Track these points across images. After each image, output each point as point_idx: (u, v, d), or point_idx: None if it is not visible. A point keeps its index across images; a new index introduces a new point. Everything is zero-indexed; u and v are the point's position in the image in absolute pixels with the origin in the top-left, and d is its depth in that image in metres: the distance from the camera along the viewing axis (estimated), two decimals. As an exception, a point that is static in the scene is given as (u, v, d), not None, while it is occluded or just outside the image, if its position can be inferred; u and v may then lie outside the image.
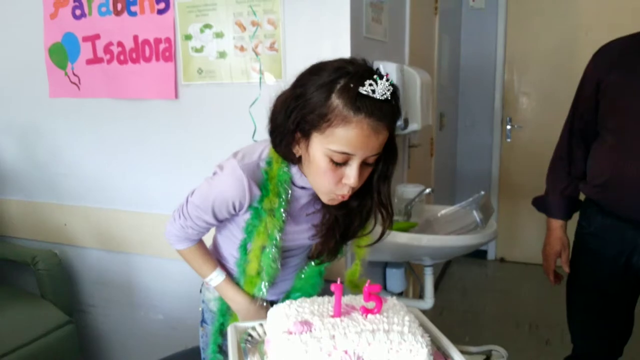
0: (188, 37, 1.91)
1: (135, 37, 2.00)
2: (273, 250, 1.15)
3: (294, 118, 0.98)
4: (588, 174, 1.67)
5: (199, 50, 1.90)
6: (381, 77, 0.94)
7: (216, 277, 1.27)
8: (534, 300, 3.47)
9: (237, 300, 1.26)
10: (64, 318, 2.14)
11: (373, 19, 1.89)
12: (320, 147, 0.98)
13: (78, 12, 2.09)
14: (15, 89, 2.30)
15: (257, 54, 1.80)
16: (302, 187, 1.13)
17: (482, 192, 2.07)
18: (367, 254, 1.29)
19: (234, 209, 1.14)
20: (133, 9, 1.99)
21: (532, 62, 3.93)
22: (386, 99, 0.94)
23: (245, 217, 1.16)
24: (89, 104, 2.16)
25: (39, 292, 2.22)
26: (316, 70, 0.99)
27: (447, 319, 3.22)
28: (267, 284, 1.20)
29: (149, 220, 2.11)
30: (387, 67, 1.90)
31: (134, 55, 2.02)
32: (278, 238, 1.14)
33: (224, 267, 1.31)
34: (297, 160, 1.07)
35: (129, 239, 2.18)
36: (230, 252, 1.27)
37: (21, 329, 2.02)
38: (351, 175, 0.99)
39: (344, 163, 0.98)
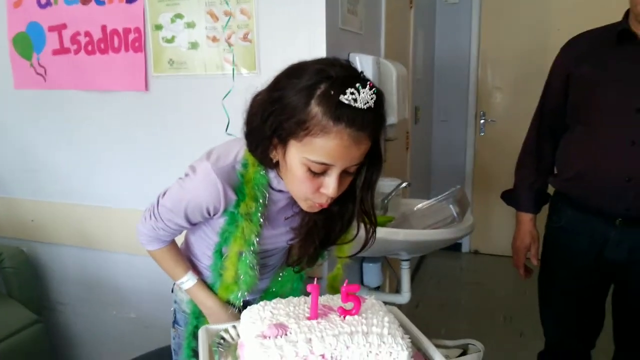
0: (158, 27, 1.85)
1: (104, 27, 1.94)
2: (250, 256, 1.10)
3: (271, 123, 0.92)
4: (557, 167, 1.68)
5: (169, 40, 1.85)
6: (364, 84, 0.87)
7: (188, 281, 1.22)
8: (508, 292, 3.50)
9: (208, 305, 1.21)
10: (31, 317, 2.07)
11: (349, 11, 1.86)
12: (298, 156, 0.92)
13: (43, 1, 2.01)
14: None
15: (230, 45, 1.76)
16: (280, 191, 1.09)
17: (458, 186, 2.07)
18: (348, 258, 1.25)
19: (208, 213, 1.09)
20: (101, -3, 1.92)
21: (505, 57, 3.95)
22: (369, 108, 0.88)
23: (220, 221, 1.11)
24: (55, 95, 2.08)
25: (5, 291, 2.14)
26: (295, 73, 0.92)
27: (423, 312, 3.23)
28: (244, 293, 1.16)
29: (118, 215, 2.05)
30: (363, 60, 1.88)
31: (102, 46, 1.95)
32: (255, 243, 1.09)
33: (196, 267, 1.26)
34: (274, 165, 1.01)
35: (98, 235, 2.11)
36: (204, 251, 1.22)
37: (-14, 329, 1.95)
38: (330, 185, 0.94)
39: (323, 172, 0.93)
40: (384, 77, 2.00)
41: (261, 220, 1.08)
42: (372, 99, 0.88)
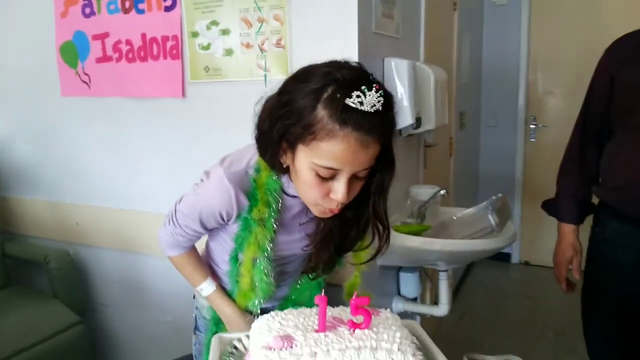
0: (195, 35, 1.87)
1: (143, 35, 1.98)
2: (264, 262, 1.09)
3: (279, 128, 0.91)
4: (602, 175, 1.57)
5: (205, 47, 1.86)
6: (370, 87, 0.85)
7: (206, 288, 1.22)
8: (560, 306, 3.33)
9: (227, 312, 1.21)
10: (74, 318, 2.13)
11: (384, 14, 1.82)
12: (306, 161, 0.90)
13: (88, 10, 2.08)
14: (28, 88, 2.31)
15: (262, 51, 1.75)
16: (294, 196, 1.07)
17: (500, 195, 1.98)
18: (367, 266, 1.21)
19: (222, 219, 1.09)
20: (141, 6, 1.96)
21: (557, 59, 3.79)
22: (376, 111, 0.86)
23: (234, 226, 1.10)
24: (99, 102, 2.15)
25: (50, 292, 2.22)
26: (303, 76, 0.91)
27: (467, 325, 3.12)
28: (261, 300, 1.14)
29: (157, 220, 2.07)
30: (398, 64, 1.83)
31: (142, 54, 1.99)
32: (269, 249, 1.08)
33: (215, 274, 1.26)
34: (285, 170, 1.00)
35: (138, 239, 2.15)
36: (223, 257, 1.22)
37: (31, 328, 2.01)
38: (339, 190, 0.91)
39: (332, 177, 0.91)
40: (421, 82, 1.94)
41: (275, 225, 1.06)
42: (379, 101, 0.86)
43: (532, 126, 3.96)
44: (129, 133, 2.11)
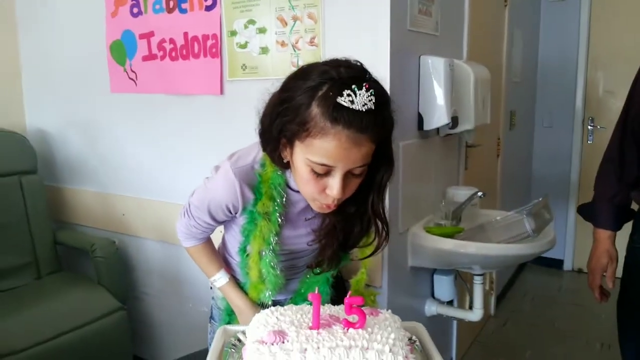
0: (233, 33, 1.91)
1: (185, 34, 2.04)
2: (270, 255, 1.11)
3: (278, 124, 0.94)
4: None
5: (243, 46, 1.90)
6: (361, 86, 0.86)
7: (220, 279, 1.26)
8: (610, 316, 3.17)
9: (238, 304, 1.24)
10: (116, 304, 2.22)
11: (420, 12, 1.79)
12: (302, 157, 0.94)
13: (135, 10, 2.16)
14: (80, 84, 2.43)
15: (296, 49, 1.77)
16: (298, 191, 1.08)
17: (540, 198, 1.91)
18: (373, 263, 1.21)
19: (230, 211, 1.12)
20: (184, 6, 2.02)
21: (618, 58, 3.59)
22: (369, 110, 0.87)
23: (242, 219, 1.13)
24: (145, 99, 2.23)
25: (96, 279, 2.33)
26: (302, 74, 0.94)
27: (510, 331, 3.02)
28: (271, 292, 1.17)
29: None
30: (435, 62, 1.80)
31: (184, 52, 2.05)
32: (274, 242, 1.10)
33: (230, 266, 1.29)
34: (286, 166, 1.02)
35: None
36: (235, 249, 1.24)
37: (77, 312, 2.12)
38: (334, 187, 0.93)
39: (327, 174, 0.93)
40: (459, 80, 1.90)
41: (280, 220, 1.08)
42: (370, 100, 0.87)
43: (589, 127, 3.78)
44: (172, 128, 2.18)
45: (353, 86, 0.86)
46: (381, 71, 1.63)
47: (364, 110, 0.87)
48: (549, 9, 3.77)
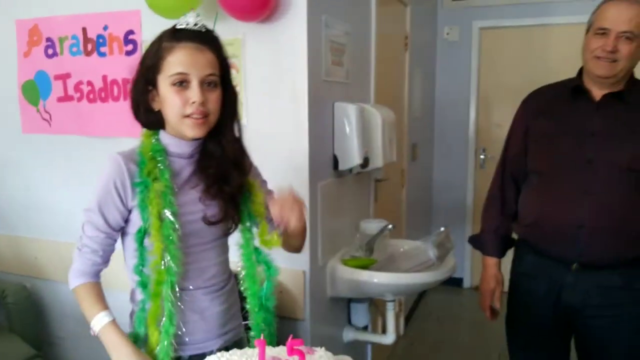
0: (154, 79, 1.97)
1: (104, 77, 2.06)
2: (170, 218, 1.16)
3: (141, 79, 1.18)
4: (519, 214, 1.74)
5: (164, 91, 1.96)
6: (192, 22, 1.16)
7: (103, 318, 1.18)
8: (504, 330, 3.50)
9: (120, 349, 1.16)
10: (31, 352, 2.14)
11: (333, 62, 1.96)
12: (165, 82, 1.14)
13: (50, 51, 2.15)
14: (-12, 124, 2.35)
15: (219, 97, 1.86)
16: (180, 156, 1.21)
17: (442, 229, 2.12)
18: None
19: (119, 195, 1.17)
20: (102, 50, 2.05)
21: (503, 95, 4.02)
22: (202, 28, 1.16)
23: (136, 213, 1.18)
24: (60, 139, 2.21)
25: (7, 325, 2.24)
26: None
27: (418, 350, 3.24)
28: (173, 279, 1.16)
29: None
30: (346, 108, 1.97)
31: (102, 95, 2.08)
32: (172, 199, 1.16)
33: (134, 301, 1.27)
34: (160, 120, 1.19)
35: (96, 273, 2.20)
36: (133, 264, 1.23)
37: (-13, 363, 2.03)
38: (194, 92, 1.13)
39: (186, 87, 1.13)
40: (369, 123, 2.08)
41: (169, 180, 1.18)
42: (202, 26, 1.17)
43: (481, 157, 4.17)
44: (88, 169, 2.17)
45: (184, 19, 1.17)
46: (300, 117, 1.79)
47: (198, 29, 1.16)
48: (444, 51, 4.14)
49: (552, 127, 1.63)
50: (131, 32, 1.99)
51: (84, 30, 2.07)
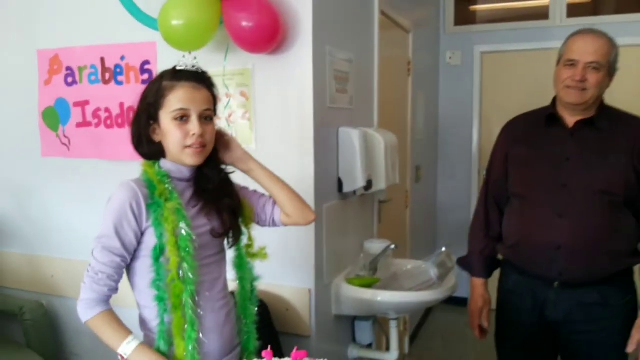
0: (168, 106, 2.08)
1: (121, 104, 2.18)
2: (185, 233, 1.25)
3: (144, 116, 1.30)
4: (503, 235, 1.83)
5: (178, 117, 2.07)
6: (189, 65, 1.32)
7: (131, 342, 1.23)
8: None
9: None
10: (47, 368, 2.23)
11: (338, 90, 2.07)
12: (167, 117, 1.27)
13: (70, 79, 2.28)
14: (11, 149, 2.47)
15: (229, 123, 1.97)
16: (180, 180, 1.32)
17: (444, 249, 2.20)
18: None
19: (134, 217, 1.24)
20: (120, 78, 2.17)
21: (505, 115, 4.06)
22: (199, 70, 1.31)
23: (150, 231, 1.26)
24: (77, 163, 2.32)
25: (24, 342, 2.32)
26: (146, 86, 1.35)
27: (423, 368, 3.30)
28: (192, 288, 1.24)
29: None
30: (350, 133, 2.07)
31: (119, 121, 2.19)
32: (185, 213, 1.27)
33: (147, 326, 1.32)
34: (160, 150, 1.31)
35: (111, 291, 2.29)
36: (147, 288, 1.28)
37: (5, 378, 2.12)
38: (194, 125, 1.26)
39: (186, 121, 1.26)
40: (372, 148, 2.17)
41: (179, 200, 1.29)
42: (198, 68, 1.32)
43: (484, 177, 4.24)
44: (104, 191, 2.25)
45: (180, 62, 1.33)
46: (306, 142, 1.89)
47: (195, 70, 1.30)
48: (447, 75, 4.25)
49: (529, 153, 1.74)
50: (147, 62, 2.10)
51: (102, 60, 2.19)
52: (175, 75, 1.28)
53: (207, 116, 1.30)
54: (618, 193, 1.61)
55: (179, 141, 1.26)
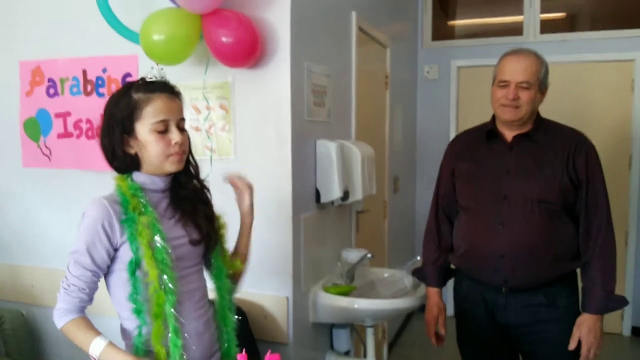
0: (150, 118, 2.12)
1: (103, 116, 2.21)
2: (161, 244, 1.27)
3: (116, 129, 1.29)
4: (454, 245, 1.92)
5: (159, 129, 2.11)
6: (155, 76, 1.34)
7: (99, 342, 1.25)
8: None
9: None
10: (25, 377, 2.24)
11: (315, 104, 2.13)
12: (145, 129, 1.28)
13: (52, 91, 2.31)
14: (-10, 159, 2.48)
15: (209, 135, 2.02)
16: (155, 191, 1.35)
17: (418, 258, 2.26)
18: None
19: (107, 235, 1.26)
20: (101, 90, 2.21)
21: (481, 129, 4.21)
22: (167, 82, 1.34)
23: (125, 247, 1.27)
24: (58, 173, 2.34)
25: (4, 351, 2.32)
26: (110, 99, 1.35)
27: (401, 375, 3.34)
28: (173, 299, 1.27)
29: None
30: (327, 145, 2.13)
31: (101, 132, 2.22)
32: (159, 225, 1.29)
33: (126, 334, 1.35)
34: (134, 163, 1.32)
35: (90, 300, 2.31)
36: (125, 296, 1.30)
37: (-18, 388, 2.12)
38: (174, 135, 1.30)
39: (166, 130, 1.29)
40: (349, 159, 2.24)
41: (154, 213, 1.30)
42: (165, 79, 1.34)
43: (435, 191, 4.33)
44: (83, 202, 2.28)
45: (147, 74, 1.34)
46: (284, 154, 1.94)
47: (164, 81, 1.33)
48: (424, 88, 4.35)
49: (472, 168, 1.84)
50: (129, 74, 2.15)
51: (84, 72, 2.23)
52: (148, 87, 1.30)
53: (182, 125, 1.34)
54: (554, 201, 1.71)
55: (162, 151, 1.29)
